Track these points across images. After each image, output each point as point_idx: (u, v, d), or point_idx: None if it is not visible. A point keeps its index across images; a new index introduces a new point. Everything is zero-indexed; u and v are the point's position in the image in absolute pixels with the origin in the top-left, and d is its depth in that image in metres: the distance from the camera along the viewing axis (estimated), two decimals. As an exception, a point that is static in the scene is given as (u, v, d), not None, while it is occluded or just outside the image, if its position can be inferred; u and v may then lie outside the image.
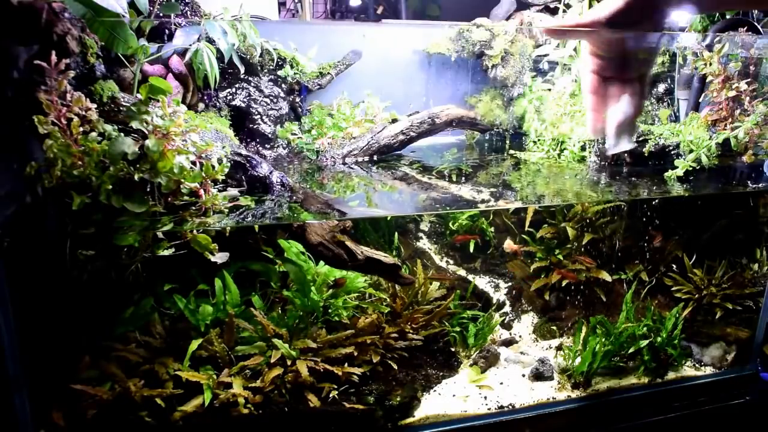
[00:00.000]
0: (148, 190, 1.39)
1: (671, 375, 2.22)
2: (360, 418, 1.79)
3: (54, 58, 1.24)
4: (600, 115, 0.94)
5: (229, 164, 1.54)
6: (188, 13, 1.93)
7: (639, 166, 2.21)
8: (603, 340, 2.14)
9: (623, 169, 2.21)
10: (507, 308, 2.62)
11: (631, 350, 2.18)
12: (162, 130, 1.39)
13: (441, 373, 2.12)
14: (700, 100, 2.29)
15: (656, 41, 0.93)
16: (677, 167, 2.05)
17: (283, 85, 2.21)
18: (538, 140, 2.49)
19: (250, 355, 1.80)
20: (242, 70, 2.04)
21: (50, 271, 1.52)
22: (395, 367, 1.95)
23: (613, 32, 0.88)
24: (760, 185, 2.09)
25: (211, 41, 1.83)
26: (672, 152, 2.16)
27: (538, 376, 2.15)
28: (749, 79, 2.06)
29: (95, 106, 1.36)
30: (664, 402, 2.17)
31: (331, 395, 1.78)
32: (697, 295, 2.39)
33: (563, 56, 2.34)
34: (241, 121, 2.13)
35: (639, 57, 0.94)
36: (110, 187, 1.32)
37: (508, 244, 2.52)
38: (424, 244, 2.72)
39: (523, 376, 2.18)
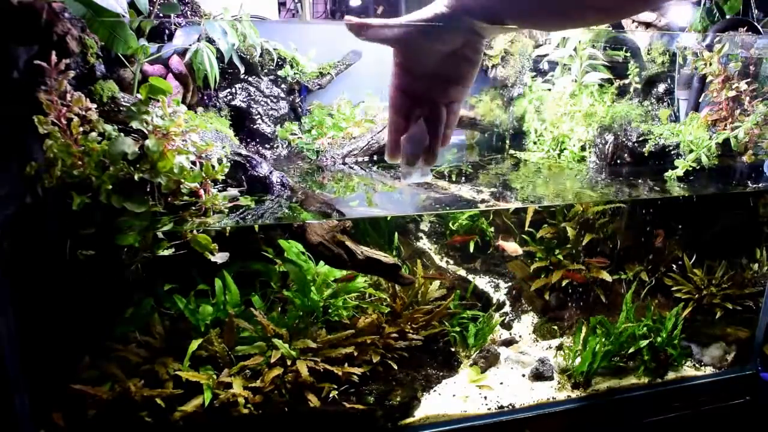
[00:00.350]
0: (148, 190, 1.39)
1: (671, 375, 2.22)
2: (360, 418, 1.79)
3: (54, 58, 1.24)
4: (399, 137, 0.84)
5: (229, 164, 1.54)
6: (188, 13, 1.93)
7: (639, 166, 2.21)
8: (603, 340, 2.14)
9: (623, 170, 2.21)
10: (507, 308, 2.62)
11: (631, 350, 2.18)
12: (162, 130, 1.39)
13: (441, 373, 2.12)
14: (700, 100, 2.30)
15: (471, 69, 0.83)
16: (677, 167, 2.05)
17: (283, 85, 2.21)
18: (538, 140, 2.49)
19: (250, 355, 1.79)
20: (242, 70, 2.04)
21: (50, 271, 1.52)
22: (395, 367, 1.95)
23: (422, 44, 0.79)
24: (760, 185, 2.09)
25: (211, 41, 1.83)
26: (672, 152, 2.16)
27: (538, 376, 2.15)
28: (749, 79, 2.06)
29: (95, 106, 1.36)
30: (664, 402, 2.17)
31: (331, 395, 1.78)
32: (697, 295, 2.39)
33: (563, 56, 2.34)
34: (241, 121, 2.12)
35: (451, 81, 0.83)
36: (110, 187, 1.32)
37: (500, 244, 2.52)
38: (424, 244, 2.72)
39: (523, 376, 2.18)
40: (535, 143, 2.50)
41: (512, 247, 2.47)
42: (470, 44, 0.81)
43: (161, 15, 1.75)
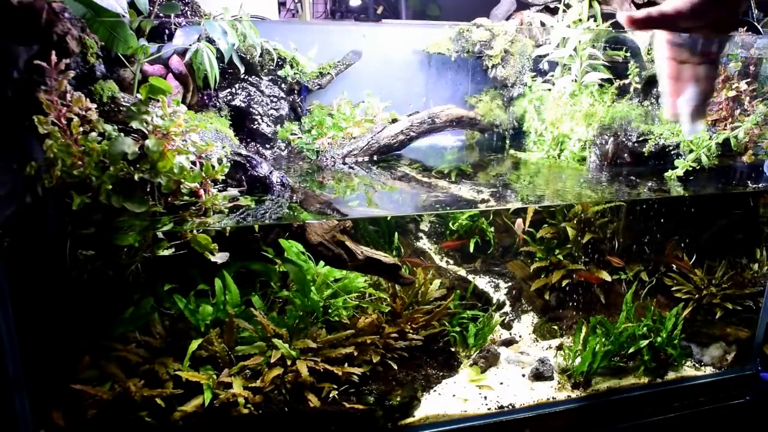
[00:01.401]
0: (148, 190, 1.39)
1: (671, 375, 2.22)
2: (360, 418, 1.79)
3: (54, 58, 1.24)
4: (677, 99, 0.97)
5: (229, 164, 1.54)
6: (188, 13, 1.93)
7: (639, 166, 2.21)
8: (603, 340, 2.14)
9: (623, 169, 2.21)
10: (507, 308, 2.62)
11: (631, 350, 2.18)
12: (162, 130, 1.39)
13: (441, 373, 2.12)
14: (700, 100, 2.29)
15: (733, 19, 0.96)
16: (677, 167, 2.05)
17: (283, 85, 2.21)
18: (538, 140, 2.49)
19: (250, 355, 1.80)
20: (242, 70, 2.04)
21: (50, 271, 1.52)
22: (395, 367, 1.95)
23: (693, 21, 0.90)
24: (760, 185, 2.09)
25: (211, 41, 1.83)
26: (672, 152, 2.16)
27: (538, 376, 2.15)
28: (749, 79, 2.06)
29: (95, 106, 1.36)
30: (664, 402, 2.17)
31: (331, 395, 1.78)
32: (697, 295, 2.39)
33: (563, 56, 2.34)
34: (241, 121, 2.12)
35: (712, 41, 0.96)
36: (110, 187, 1.32)
37: (519, 223, 2.52)
38: (424, 244, 2.72)
39: (523, 376, 2.18)
40: (535, 143, 2.50)
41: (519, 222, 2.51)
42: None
43: (161, 15, 1.75)
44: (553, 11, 2.62)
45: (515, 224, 2.50)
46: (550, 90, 2.46)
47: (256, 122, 2.14)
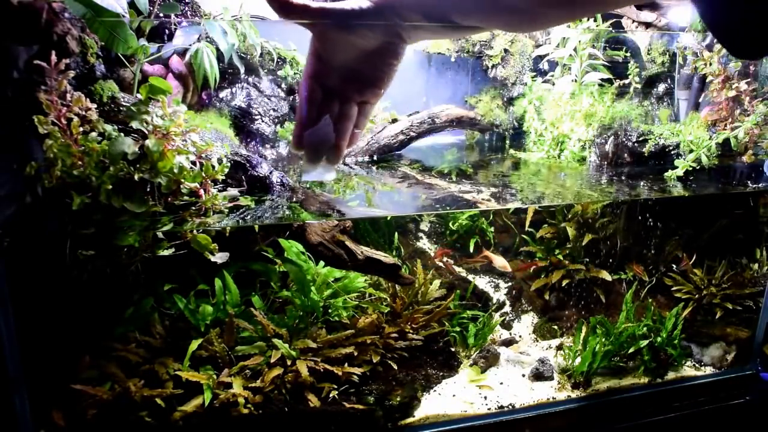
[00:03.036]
0: (148, 190, 1.39)
1: (671, 375, 2.22)
2: (360, 418, 1.79)
3: (54, 58, 1.24)
4: (304, 130, 0.80)
5: (229, 164, 1.54)
6: (188, 13, 1.93)
7: (639, 166, 2.21)
8: (603, 340, 2.14)
9: (623, 169, 2.21)
10: (507, 308, 2.62)
11: (631, 350, 2.18)
12: (162, 130, 1.39)
13: (441, 373, 2.12)
14: (700, 100, 2.30)
15: (388, 71, 0.81)
16: (677, 167, 2.05)
17: (283, 85, 2.21)
18: (538, 140, 2.49)
19: (250, 355, 1.80)
20: (242, 70, 2.04)
21: (50, 271, 1.52)
22: (395, 367, 1.95)
23: (339, 35, 0.75)
24: (760, 185, 2.09)
25: (211, 41, 1.83)
26: (672, 152, 2.16)
27: (538, 376, 2.15)
28: (749, 79, 2.06)
29: (95, 106, 1.36)
30: (664, 402, 2.17)
31: (331, 395, 1.78)
32: (697, 295, 2.39)
33: (563, 56, 2.34)
34: (241, 121, 2.12)
35: (365, 80, 0.80)
36: (110, 187, 1.32)
37: (487, 255, 2.44)
38: (424, 244, 2.72)
39: (523, 376, 2.18)
40: (535, 143, 2.50)
41: (500, 262, 2.38)
42: (390, 46, 0.78)
43: (161, 15, 1.75)
44: (553, 11, 2.61)
45: (495, 261, 2.40)
46: (550, 90, 2.46)
47: (256, 122, 2.14)
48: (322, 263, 2.02)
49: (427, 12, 0.75)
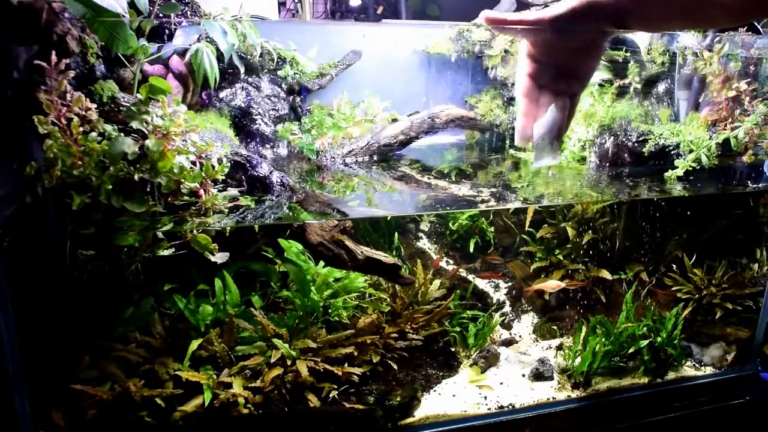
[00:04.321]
0: (148, 190, 1.39)
1: (671, 375, 2.22)
2: (360, 418, 1.79)
3: (54, 58, 1.24)
4: (530, 122, 0.91)
5: (229, 164, 1.54)
6: (188, 13, 1.93)
7: (639, 166, 2.21)
8: (603, 340, 2.14)
9: (623, 170, 2.21)
10: (507, 308, 2.62)
11: (631, 350, 2.18)
12: (162, 130, 1.39)
13: (441, 373, 2.12)
14: (700, 100, 2.29)
15: (593, 65, 0.91)
16: (677, 167, 2.05)
17: (283, 85, 2.21)
18: (538, 140, 2.48)
19: (250, 355, 1.80)
20: (242, 70, 2.04)
21: (50, 271, 1.52)
22: (395, 367, 1.95)
23: (552, 39, 0.86)
24: (760, 185, 2.09)
25: (211, 41, 1.83)
26: (672, 152, 2.16)
27: (538, 376, 2.15)
28: (749, 79, 2.06)
29: (95, 106, 1.36)
30: (664, 402, 2.17)
31: (331, 395, 1.78)
32: (697, 295, 2.39)
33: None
34: (241, 121, 2.12)
35: (574, 74, 0.91)
36: (110, 187, 1.32)
37: (537, 287, 2.32)
38: (424, 244, 2.72)
39: (523, 376, 2.18)
40: (535, 143, 2.50)
41: (553, 284, 2.33)
42: (597, 41, 0.88)
43: (161, 15, 1.75)
44: (553, 11, 2.61)
45: (548, 287, 2.33)
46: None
47: (256, 122, 2.14)
48: (322, 263, 2.02)
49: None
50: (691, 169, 2.04)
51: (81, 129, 1.30)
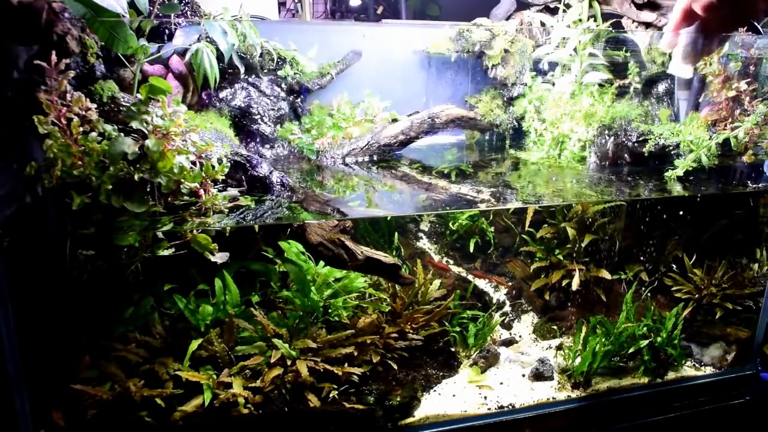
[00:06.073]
0: (148, 190, 1.39)
1: (671, 375, 2.22)
2: (360, 418, 1.79)
3: (54, 58, 1.24)
4: (679, 30, 1.01)
5: (229, 164, 1.54)
6: (188, 13, 1.93)
7: (639, 165, 2.21)
8: (603, 340, 2.14)
9: (623, 170, 2.21)
10: (507, 308, 2.62)
11: (631, 350, 2.18)
12: (162, 130, 1.39)
13: (441, 373, 2.12)
14: (700, 100, 2.29)
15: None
16: (677, 167, 2.05)
17: (283, 85, 2.21)
18: (538, 140, 2.48)
19: (250, 355, 1.80)
20: (242, 70, 2.04)
21: (50, 271, 1.52)
22: (395, 367, 1.95)
23: None
24: (760, 185, 2.09)
25: (211, 41, 1.83)
26: (672, 152, 2.16)
27: (538, 376, 2.15)
28: (749, 79, 2.06)
29: (95, 106, 1.36)
30: (664, 402, 2.17)
31: (331, 395, 1.78)
32: (697, 295, 2.39)
33: (563, 56, 2.34)
34: (241, 121, 2.12)
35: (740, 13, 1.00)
36: (110, 187, 1.32)
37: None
38: (424, 244, 2.72)
39: (523, 376, 2.18)
40: (535, 143, 2.50)
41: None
42: None
43: (161, 15, 1.75)
44: (553, 11, 2.62)
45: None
46: (550, 90, 2.46)
47: (256, 122, 2.14)
48: (322, 263, 2.02)
49: None
50: (691, 169, 2.04)
51: (81, 129, 1.30)
